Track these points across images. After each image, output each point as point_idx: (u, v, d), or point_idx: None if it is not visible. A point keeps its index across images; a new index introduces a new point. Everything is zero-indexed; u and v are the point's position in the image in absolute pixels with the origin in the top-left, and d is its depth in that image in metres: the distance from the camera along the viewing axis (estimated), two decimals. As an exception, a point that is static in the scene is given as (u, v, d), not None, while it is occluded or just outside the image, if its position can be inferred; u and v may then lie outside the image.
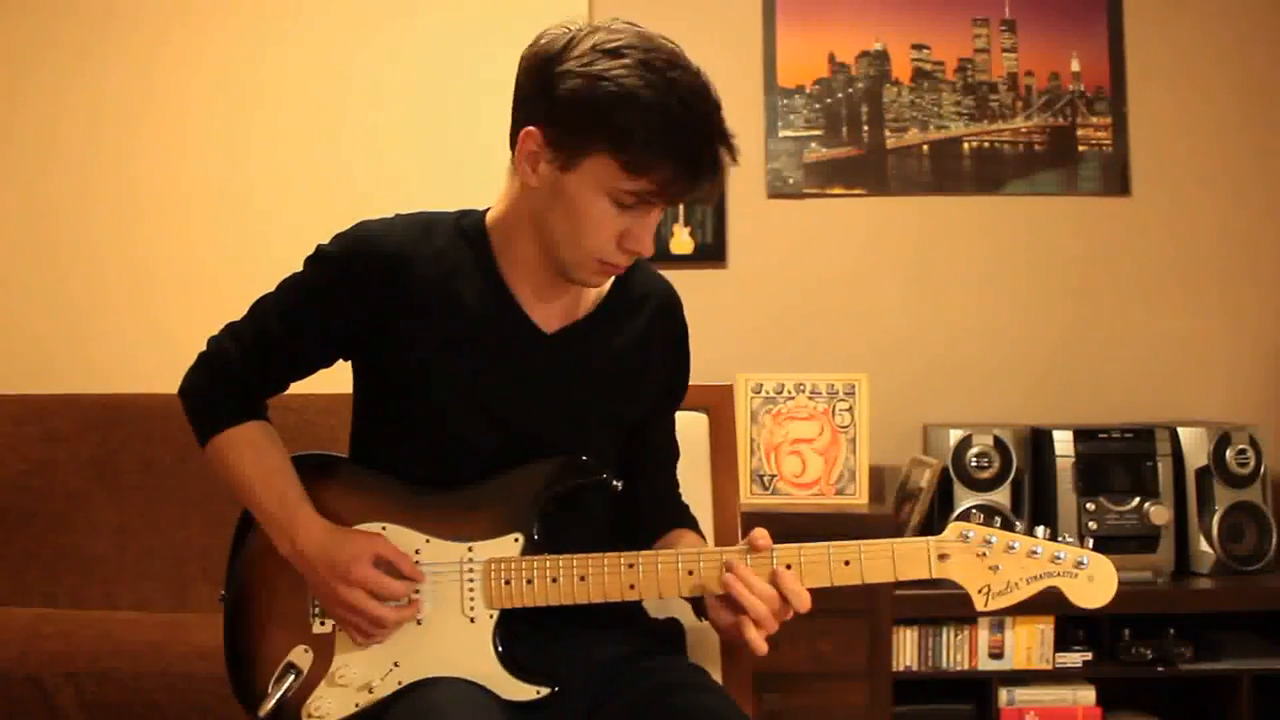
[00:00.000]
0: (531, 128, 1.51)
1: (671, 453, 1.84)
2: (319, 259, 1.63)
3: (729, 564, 1.55)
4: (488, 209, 1.66)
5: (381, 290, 1.58)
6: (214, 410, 1.69)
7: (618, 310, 1.69)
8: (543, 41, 1.52)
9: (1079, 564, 1.56)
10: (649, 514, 1.77)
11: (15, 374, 3.48)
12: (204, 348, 1.71)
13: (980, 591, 1.56)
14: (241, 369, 1.67)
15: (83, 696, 2.61)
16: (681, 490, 1.86)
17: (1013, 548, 1.56)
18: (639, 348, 1.70)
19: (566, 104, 1.46)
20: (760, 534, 1.57)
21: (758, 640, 1.54)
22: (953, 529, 1.57)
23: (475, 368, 1.61)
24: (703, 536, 1.81)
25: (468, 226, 1.64)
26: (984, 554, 1.56)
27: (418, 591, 1.59)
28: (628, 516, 1.75)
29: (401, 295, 1.58)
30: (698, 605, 1.67)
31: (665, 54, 1.47)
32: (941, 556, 1.56)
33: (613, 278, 1.65)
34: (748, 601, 1.53)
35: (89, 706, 2.61)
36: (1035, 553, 1.56)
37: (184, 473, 3.17)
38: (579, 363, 1.65)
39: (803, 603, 1.54)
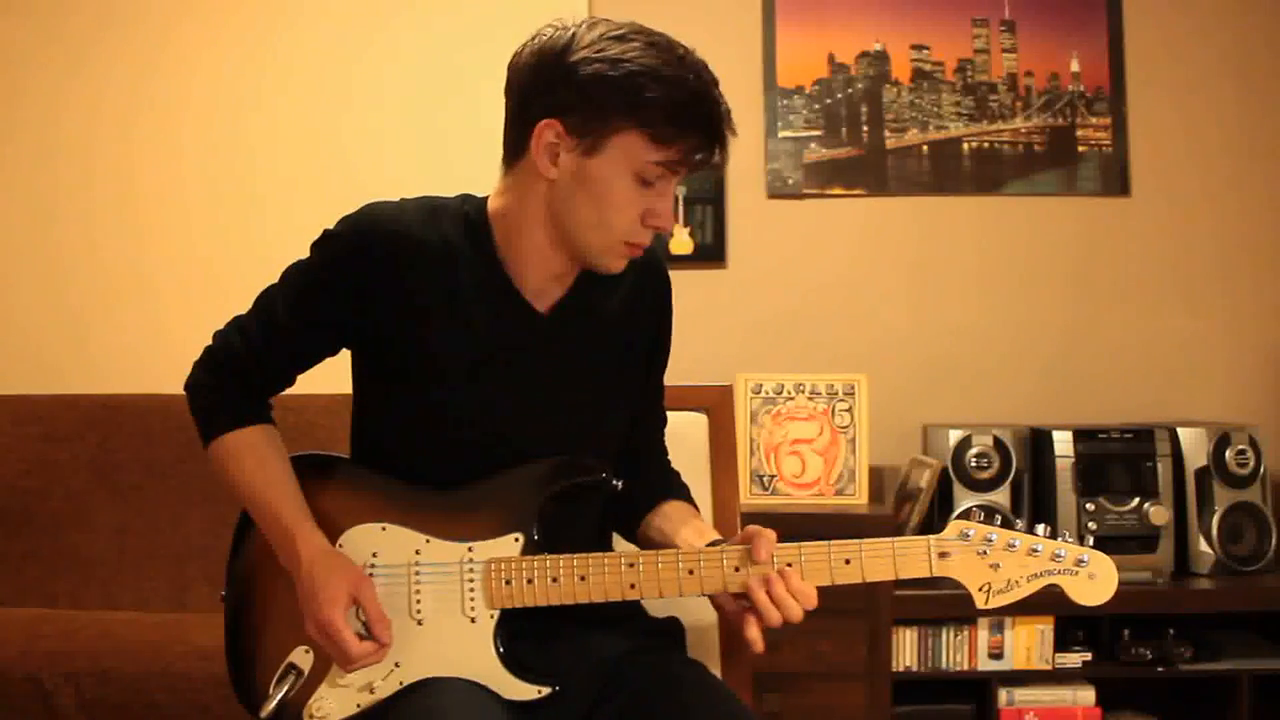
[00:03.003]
0: (550, 119, 1.53)
1: (658, 418, 1.85)
2: (327, 240, 1.63)
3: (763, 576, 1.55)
4: (487, 196, 1.67)
5: (388, 269, 1.59)
6: (218, 411, 1.69)
7: (603, 278, 1.67)
8: (542, 40, 1.55)
9: (1080, 561, 1.56)
10: (640, 482, 1.76)
11: (15, 374, 3.48)
12: (210, 342, 1.71)
13: (981, 590, 1.56)
14: (247, 364, 1.68)
15: (83, 696, 2.60)
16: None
17: (1013, 546, 1.56)
18: (629, 313, 1.72)
19: (590, 87, 1.50)
20: (764, 544, 1.56)
21: (759, 640, 1.56)
22: (953, 527, 1.57)
23: (475, 354, 1.62)
24: (695, 506, 1.81)
25: (471, 213, 1.65)
26: (984, 552, 1.56)
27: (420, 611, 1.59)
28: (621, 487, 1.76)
29: (407, 277, 1.59)
30: None
31: (665, 37, 1.55)
32: (942, 555, 1.56)
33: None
34: (765, 609, 1.53)
35: (89, 706, 2.60)
36: (1035, 550, 1.56)
37: (184, 473, 3.17)
38: (575, 338, 1.66)
39: (809, 600, 1.55)
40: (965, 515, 1.59)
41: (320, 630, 1.55)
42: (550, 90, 1.53)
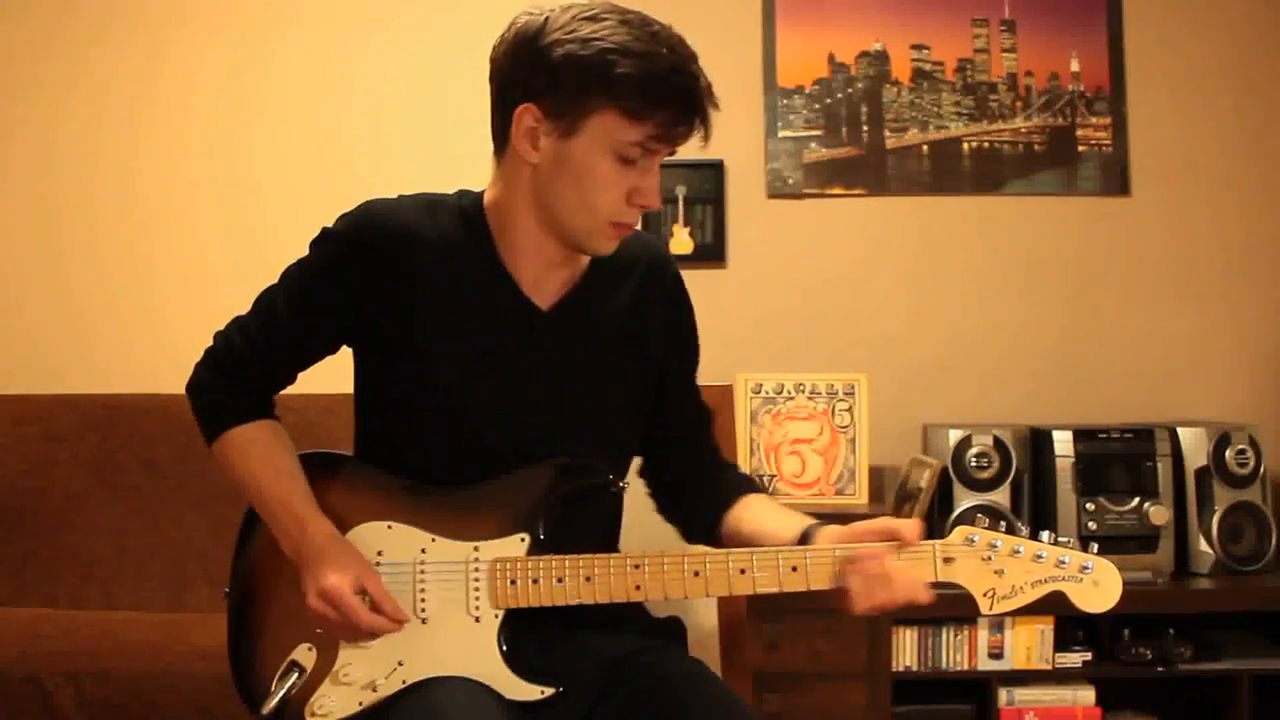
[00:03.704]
0: (527, 104, 1.53)
1: (702, 417, 1.83)
2: (326, 237, 1.64)
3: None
4: (483, 191, 1.67)
5: (388, 266, 1.59)
6: (222, 408, 1.69)
7: (607, 275, 1.69)
8: (516, 26, 1.57)
9: (1084, 569, 1.56)
10: (700, 483, 1.76)
11: (15, 374, 3.48)
12: (211, 343, 1.71)
13: (985, 595, 1.56)
14: (249, 363, 1.68)
15: (82, 696, 2.61)
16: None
17: (1018, 552, 1.56)
18: (635, 311, 1.71)
19: (562, 69, 1.51)
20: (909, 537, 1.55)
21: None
22: (958, 533, 1.57)
23: (476, 349, 1.62)
24: (764, 490, 1.80)
25: (467, 207, 1.65)
26: (989, 558, 1.56)
27: (422, 610, 1.58)
28: (674, 489, 1.78)
29: (407, 272, 1.59)
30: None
31: (638, 14, 1.55)
32: (947, 560, 1.56)
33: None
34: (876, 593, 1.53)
35: (89, 706, 2.60)
36: (1040, 557, 1.56)
37: (184, 473, 3.17)
38: (578, 335, 1.66)
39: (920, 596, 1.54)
40: (966, 516, 1.58)
41: (325, 597, 1.54)
42: (526, 75, 1.54)
